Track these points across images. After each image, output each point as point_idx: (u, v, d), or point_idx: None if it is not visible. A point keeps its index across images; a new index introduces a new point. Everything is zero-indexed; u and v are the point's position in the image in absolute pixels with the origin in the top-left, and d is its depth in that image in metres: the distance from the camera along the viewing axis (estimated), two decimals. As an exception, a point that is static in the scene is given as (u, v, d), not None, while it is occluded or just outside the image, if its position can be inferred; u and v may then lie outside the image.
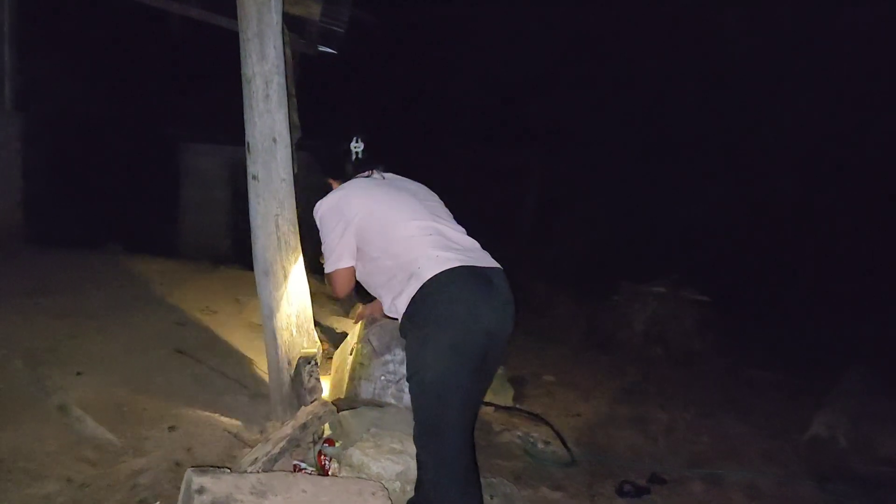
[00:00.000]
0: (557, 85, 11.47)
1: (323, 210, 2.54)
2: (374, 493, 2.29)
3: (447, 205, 2.74)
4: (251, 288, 5.25)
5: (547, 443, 4.15)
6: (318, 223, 2.58)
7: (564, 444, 4.16)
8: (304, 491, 2.21)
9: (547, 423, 4.42)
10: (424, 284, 2.28)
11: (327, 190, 2.68)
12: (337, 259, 2.52)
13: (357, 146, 2.69)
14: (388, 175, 2.72)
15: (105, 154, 7.94)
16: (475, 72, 11.29)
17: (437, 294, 2.27)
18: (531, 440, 4.13)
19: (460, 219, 2.69)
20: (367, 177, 2.69)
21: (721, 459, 4.34)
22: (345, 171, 2.72)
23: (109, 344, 4.00)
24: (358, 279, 2.61)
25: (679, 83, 10.78)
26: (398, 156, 2.88)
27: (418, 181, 2.78)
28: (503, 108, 11.83)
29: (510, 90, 11.59)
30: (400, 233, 2.43)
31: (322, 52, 6.15)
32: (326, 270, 2.58)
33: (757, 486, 3.97)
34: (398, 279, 2.38)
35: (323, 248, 2.58)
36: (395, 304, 2.39)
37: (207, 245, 8.54)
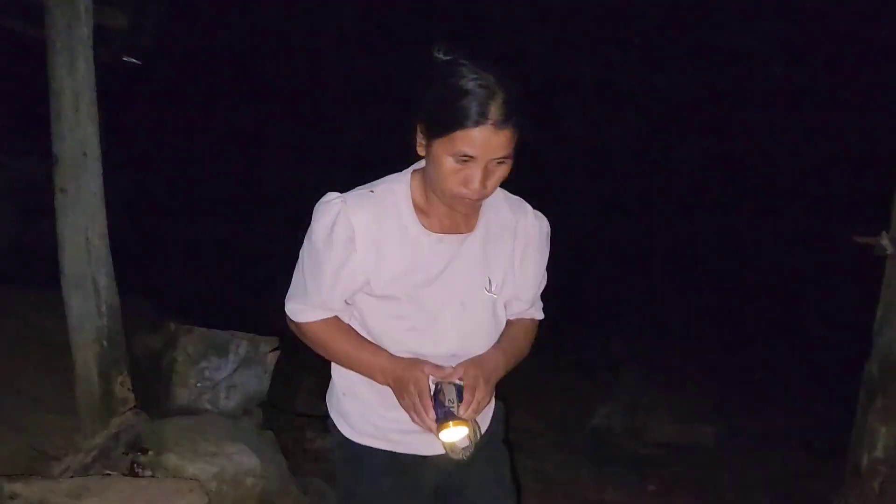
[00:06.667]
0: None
1: None
2: (191, 490, 2.41)
3: None
4: (37, 305, 5.00)
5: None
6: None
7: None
8: (121, 491, 2.28)
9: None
10: None
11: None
12: None
13: None
14: None
15: None
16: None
17: None
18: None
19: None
20: None
21: (513, 450, 4.80)
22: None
23: None
24: None
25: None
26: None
27: None
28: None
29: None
30: None
31: (126, 62, 6.00)
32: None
33: (544, 470, 4.47)
34: None
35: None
36: None
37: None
